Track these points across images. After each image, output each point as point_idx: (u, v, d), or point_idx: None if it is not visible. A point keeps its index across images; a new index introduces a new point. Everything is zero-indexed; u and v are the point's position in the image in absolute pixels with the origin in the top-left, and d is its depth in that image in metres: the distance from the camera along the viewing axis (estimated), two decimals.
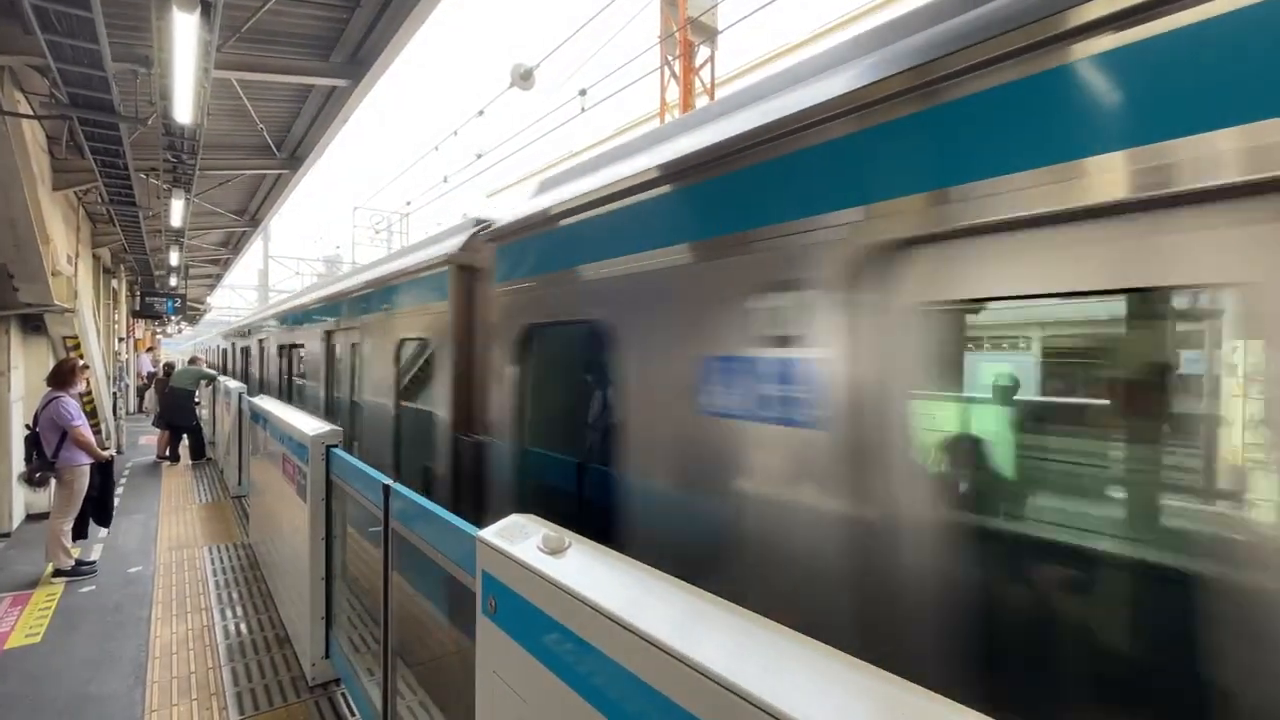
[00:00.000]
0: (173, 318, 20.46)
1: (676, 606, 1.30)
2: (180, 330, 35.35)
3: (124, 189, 6.90)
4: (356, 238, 29.25)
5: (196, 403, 11.47)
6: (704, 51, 11.09)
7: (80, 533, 5.78)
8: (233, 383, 9.37)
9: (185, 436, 11.13)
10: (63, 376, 5.79)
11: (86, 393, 8.29)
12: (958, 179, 1.38)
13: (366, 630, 3.51)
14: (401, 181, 59.77)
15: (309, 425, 3.87)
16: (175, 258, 11.49)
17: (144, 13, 4.38)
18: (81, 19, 3.64)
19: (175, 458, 11.01)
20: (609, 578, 1.45)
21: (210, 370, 12.22)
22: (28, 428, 5.73)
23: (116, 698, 3.66)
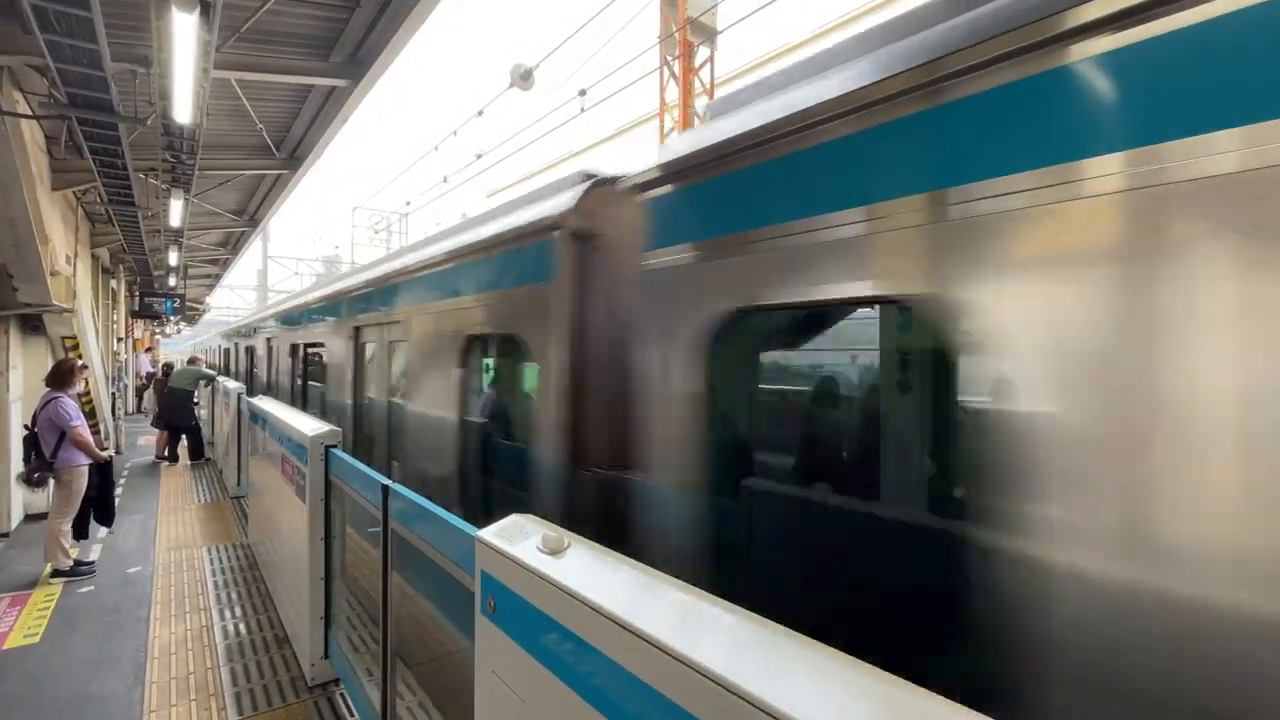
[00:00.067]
0: (171, 318, 20.42)
1: (676, 606, 1.30)
2: (179, 330, 35.32)
3: (123, 189, 6.89)
4: (356, 238, 29.30)
5: (195, 403, 11.48)
6: (704, 52, 11.10)
7: (81, 533, 5.78)
8: (232, 383, 9.35)
9: (184, 437, 11.13)
10: (61, 377, 5.78)
11: (85, 393, 8.28)
12: None
13: (366, 630, 3.50)
14: (401, 181, 59.93)
15: (308, 425, 3.87)
16: (174, 258, 11.48)
17: (143, 12, 4.37)
18: (81, 19, 3.63)
19: (174, 458, 11.00)
20: (608, 578, 1.45)
21: (209, 370, 12.23)
22: (26, 428, 5.73)
23: (115, 698, 3.66)
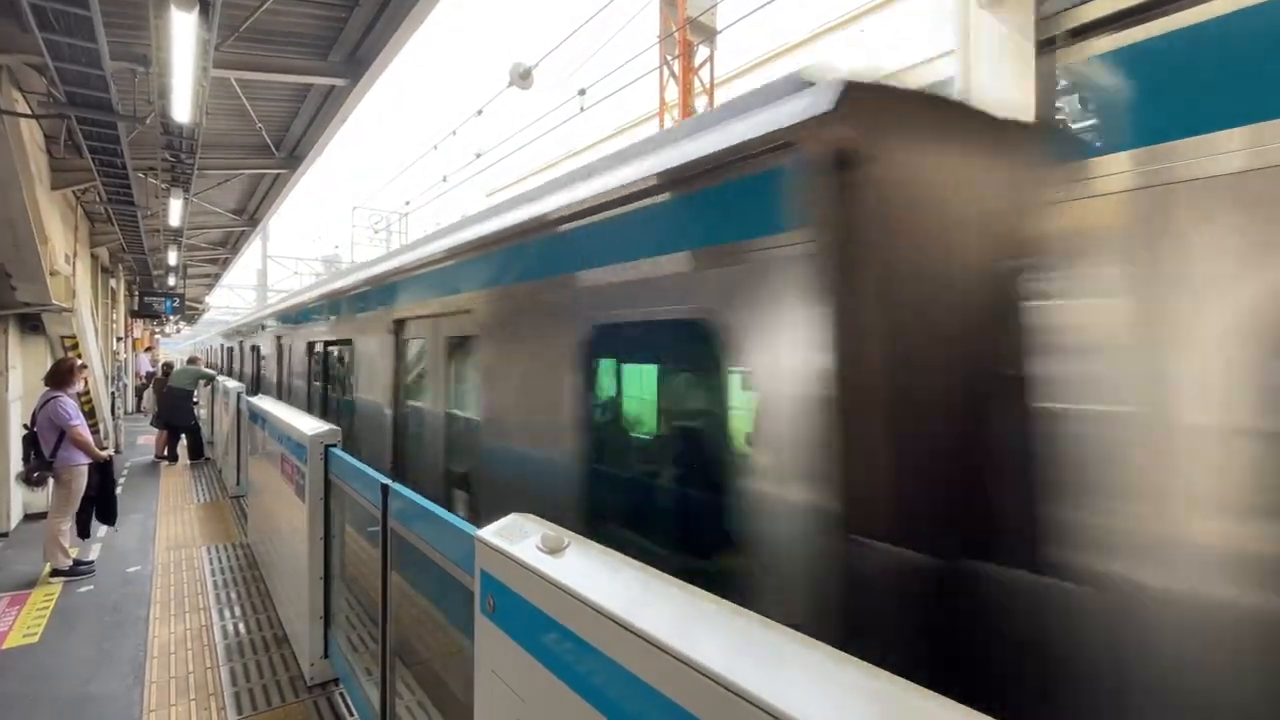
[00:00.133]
0: (171, 317, 20.40)
1: (675, 606, 1.30)
2: (179, 330, 35.29)
3: (122, 188, 6.89)
4: (355, 237, 29.29)
5: (195, 403, 11.48)
6: (703, 51, 11.10)
7: (84, 531, 5.79)
8: (232, 382, 9.34)
9: (184, 436, 11.13)
10: (61, 376, 5.78)
11: (85, 392, 8.29)
12: None
13: (365, 630, 3.50)
14: (400, 181, 59.75)
15: (307, 425, 3.88)
16: (173, 257, 11.48)
17: (142, 11, 4.37)
18: (80, 17, 3.63)
19: (174, 457, 11.00)
20: (608, 577, 1.45)
21: (209, 370, 12.23)
22: (26, 427, 5.73)
23: (115, 698, 3.66)
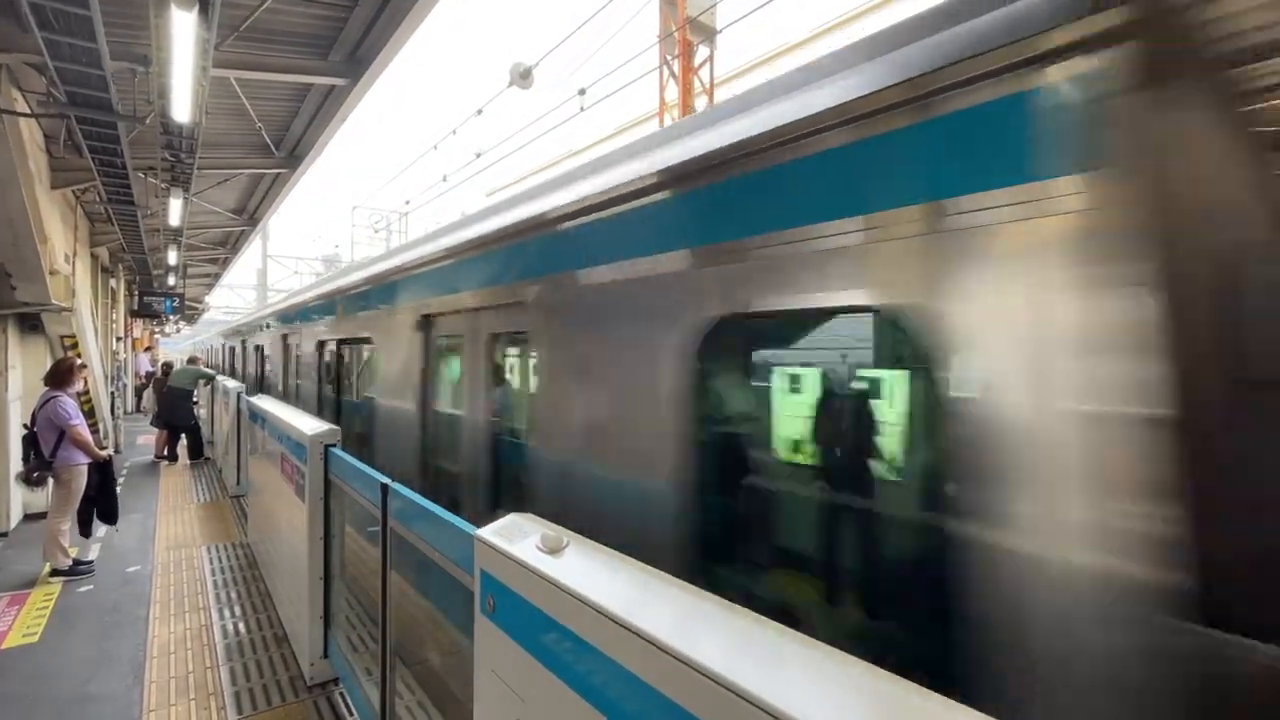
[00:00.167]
0: (171, 317, 20.39)
1: (675, 606, 1.30)
2: (179, 330, 35.28)
3: (122, 188, 6.88)
4: (355, 237, 29.28)
5: (195, 402, 11.47)
6: (703, 51, 11.10)
7: (85, 531, 5.79)
8: (231, 382, 9.34)
9: (183, 436, 11.13)
10: (60, 376, 5.78)
11: (84, 392, 8.28)
12: None
13: (365, 630, 3.50)
14: (400, 180, 59.67)
15: (307, 425, 3.88)
16: (173, 257, 11.46)
17: (142, 11, 4.37)
18: (79, 17, 3.62)
19: (173, 457, 11.00)
20: (607, 577, 1.45)
21: (209, 370, 12.23)
22: (25, 427, 5.72)
23: (114, 697, 3.65)
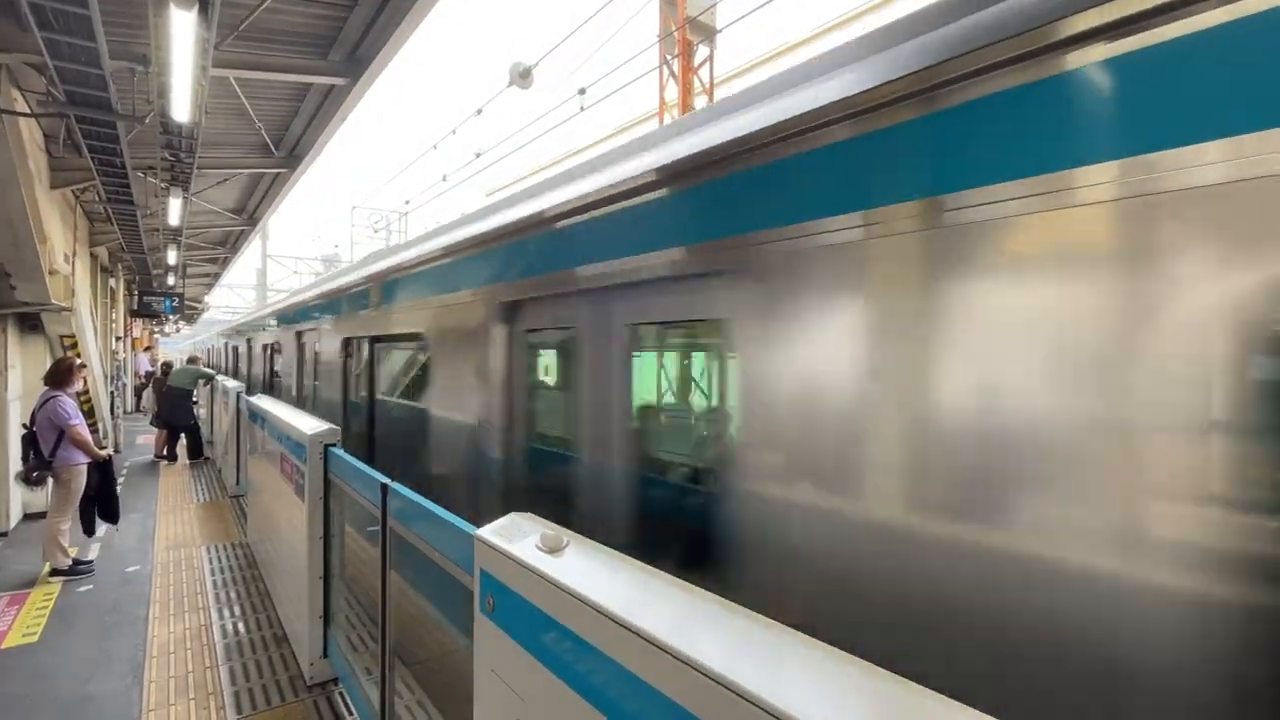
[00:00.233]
0: (170, 317, 20.38)
1: (674, 605, 1.30)
2: (178, 329, 35.26)
3: (122, 187, 6.88)
4: (355, 237, 29.26)
5: (194, 402, 11.47)
6: (703, 51, 11.09)
7: (88, 529, 5.79)
8: (231, 382, 9.34)
9: (183, 436, 11.13)
10: (60, 376, 5.78)
11: (84, 392, 8.28)
12: None
13: (365, 630, 3.50)
14: (400, 180, 59.72)
15: (307, 424, 3.87)
16: (173, 257, 11.46)
17: (141, 10, 4.36)
18: (79, 16, 3.62)
19: (173, 457, 11.00)
20: (607, 576, 1.45)
21: (208, 370, 12.23)
22: (25, 427, 5.72)
23: (114, 697, 3.65)
